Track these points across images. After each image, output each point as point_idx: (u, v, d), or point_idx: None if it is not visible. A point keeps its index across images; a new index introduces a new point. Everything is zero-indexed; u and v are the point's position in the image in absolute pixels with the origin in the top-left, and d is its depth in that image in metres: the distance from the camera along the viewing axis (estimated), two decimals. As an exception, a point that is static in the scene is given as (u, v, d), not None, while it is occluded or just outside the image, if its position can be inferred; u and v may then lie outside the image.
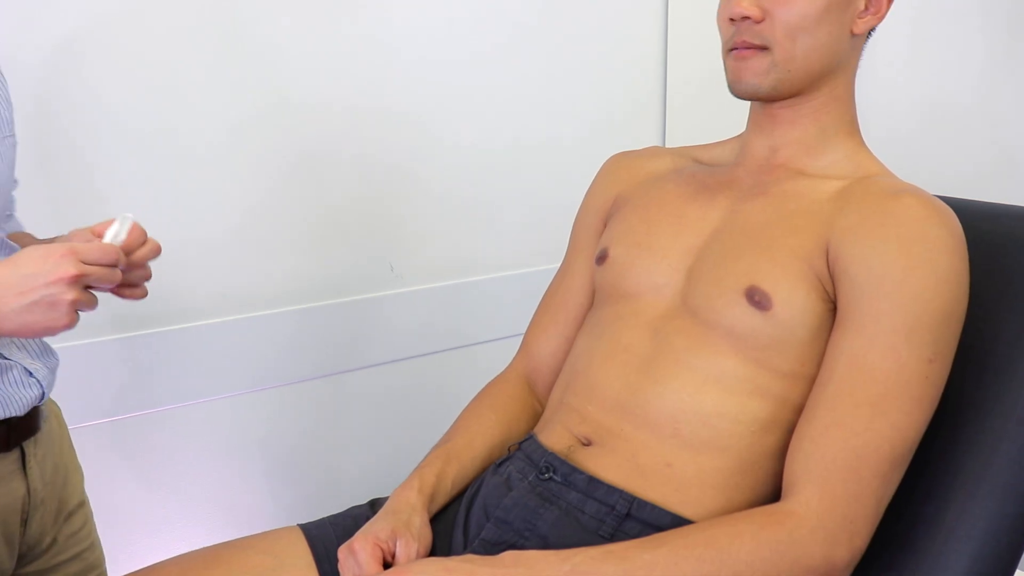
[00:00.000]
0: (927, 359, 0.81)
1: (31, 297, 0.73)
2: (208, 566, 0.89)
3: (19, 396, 0.87)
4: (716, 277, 0.91)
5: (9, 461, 0.89)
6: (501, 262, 1.69)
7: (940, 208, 0.85)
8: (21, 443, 0.90)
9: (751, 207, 0.94)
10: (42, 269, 0.73)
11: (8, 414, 0.86)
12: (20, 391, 0.88)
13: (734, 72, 0.92)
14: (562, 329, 1.08)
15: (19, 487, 0.90)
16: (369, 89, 1.49)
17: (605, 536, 0.86)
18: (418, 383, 1.64)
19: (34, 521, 0.93)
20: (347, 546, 0.86)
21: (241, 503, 1.47)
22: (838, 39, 0.91)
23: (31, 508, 0.92)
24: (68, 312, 0.74)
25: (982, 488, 0.83)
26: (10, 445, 0.88)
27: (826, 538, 0.78)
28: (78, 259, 0.74)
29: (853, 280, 0.83)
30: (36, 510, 0.93)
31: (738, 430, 0.87)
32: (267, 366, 1.48)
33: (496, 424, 1.03)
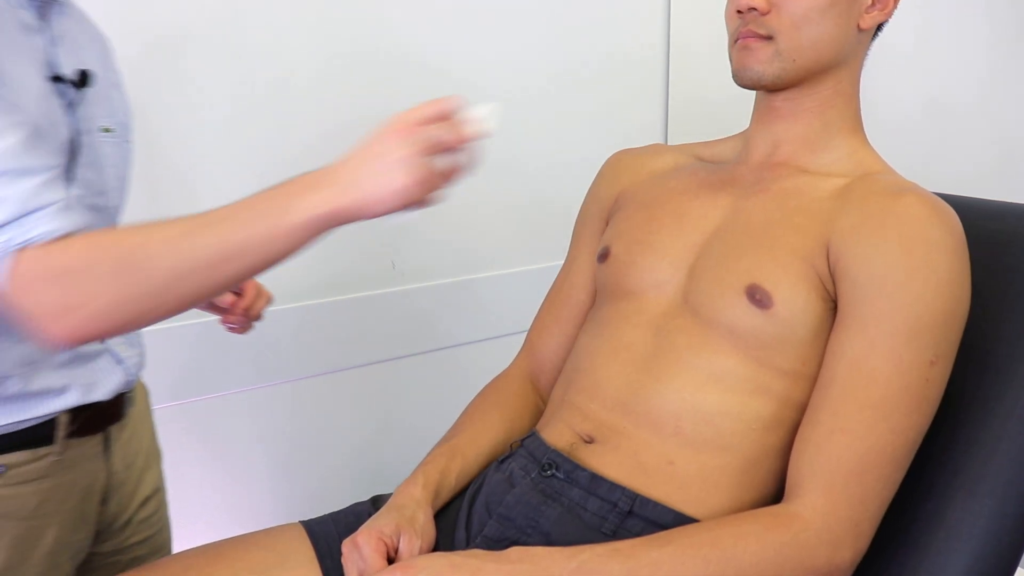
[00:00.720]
0: (928, 361, 0.81)
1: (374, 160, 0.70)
2: (210, 563, 0.89)
3: (106, 381, 0.90)
4: (717, 276, 0.91)
5: (93, 444, 0.92)
6: (503, 259, 1.69)
7: (941, 208, 0.85)
8: (107, 427, 0.93)
9: (753, 205, 0.94)
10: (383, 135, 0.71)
11: (93, 399, 0.88)
12: (107, 377, 0.91)
13: (739, 61, 0.93)
14: (564, 327, 1.08)
15: (100, 469, 0.94)
16: (369, 86, 1.49)
17: (607, 533, 0.86)
18: (420, 380, 1.64)
19: (112, 502, 0.97)
20: (351, 540, 0.86)
21: (243, 500, 1.47)
22: (844, 32, 0.91)
23: (110, 489, 0.96)
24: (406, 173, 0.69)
25: (983, 487, 0.83)
26: (95, 429, 0.91)
27: (831, 540, 0.78)
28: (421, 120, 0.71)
29: (854, 280, 0.83)
30: (115, 491, 0.97)
31: (740, 428, 0.87)
32: (269, 363, 1.48)
33: (499, 421, 1.03)
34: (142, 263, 0.69)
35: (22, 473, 0.84)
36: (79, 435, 0.89)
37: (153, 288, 0.69)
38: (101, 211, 0.90)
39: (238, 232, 0.69)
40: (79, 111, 0.85)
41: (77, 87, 0.84)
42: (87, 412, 0.89)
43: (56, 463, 0.87)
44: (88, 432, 0.90)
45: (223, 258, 0.69)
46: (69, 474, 0.89)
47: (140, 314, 0.71)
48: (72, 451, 0.88)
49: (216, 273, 0.69)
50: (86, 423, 0.89)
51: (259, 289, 1.09)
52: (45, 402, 0.85)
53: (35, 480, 0.86)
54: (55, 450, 0.86)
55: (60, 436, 0.86)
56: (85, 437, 0.90)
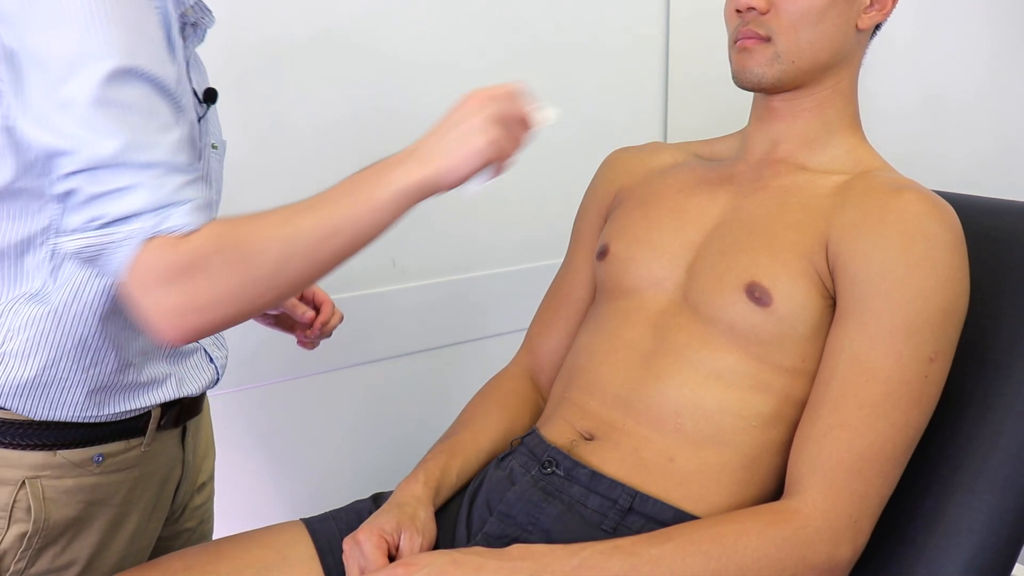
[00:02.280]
0: (928, 358, 0.81)
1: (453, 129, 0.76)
2: (211, 560, 0.90)
3: (198, 378, 0.94)
4: (716, 273, 0.91)
5: (174, 435, 0.96)
6: (503, 257, 1.69)
7: (940, 205, 0.85)
8: (187, 422, 0.97)
9: (752, 202, 0.94)
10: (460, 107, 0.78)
11: (185, 393, 0.92)
12: (199, 374, 0.95)
13: (738, 63, 0.93)
14: (564, 325, 1.09)
15: (178, 459, 0.98)
16: (371, 85, 1.49)
17: (608, 530, 0.86)
18: (421, 378, 1.64)
19: (181, 490, 1.02)
20: (352, 537, 0.86)
21: (244, 498, 1.47)
22: (843, 33, 0.91)
23: (183, 479, 1.01)
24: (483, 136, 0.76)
25: (981, 483, 0.83)
26: (179, 423, 0.95)
27: (831, 537, 0.79)
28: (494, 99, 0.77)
29: (853, 277, 0.84)
30: (185, 481, 1.02)
31: (740, 425, 0.87)
32: (269, 361, 1.48)
33: (500, 419, 1.03)
34: (252, 251, 0.71)
35: (117, 462, 0.88)
36: (166, 428, 0.93)
37: (264, 274, 0.72)
38: None
39: (335, 212, 0.73)
40: (202, 127, 0.89)
41: (204, 103, 0.88)
42: (176, 407, 0.93)
43: (144, 454, 0.91)
44: (174, 425, 0.94)
45: (325, 236, 0.73)
46: (152, 464, 0.93)
47: (251, 302, 0.73)
48: (157, 443, 0.93)
49: (320, 253, 0.73)
50: (174, 417, 0.93)
51: (334, 306, 1.14)
52: (148, 393, 0.89)
53: (127, 469, 0.90)
54: (144, 441, 0.90)
55: (151, 428, 0.90)
56: (169, 430, 0.94)
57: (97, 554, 0.89)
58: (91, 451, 0.86)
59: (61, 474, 0.84)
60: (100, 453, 0.86)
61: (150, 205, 0.68)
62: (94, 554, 0.89)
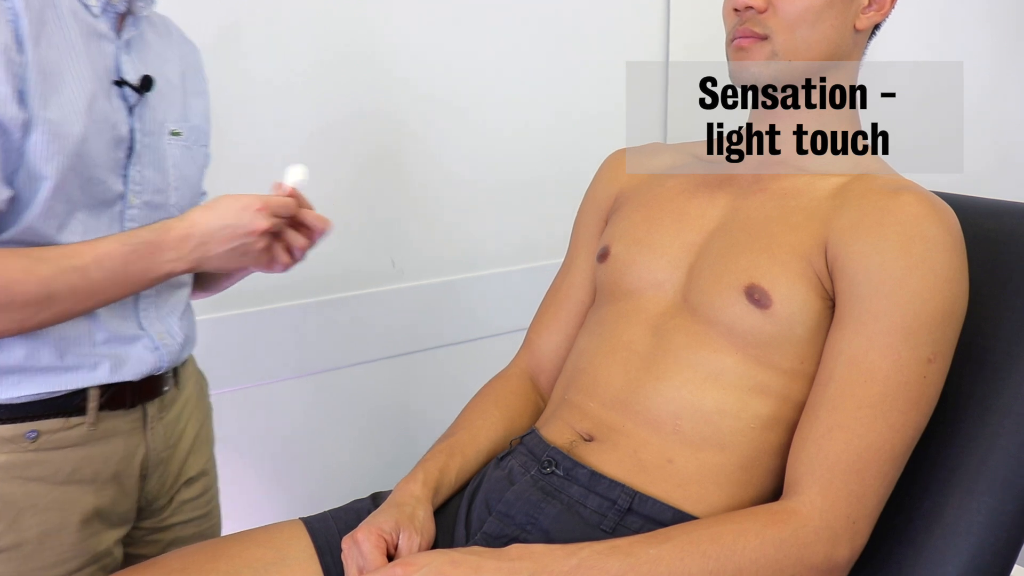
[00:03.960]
0: (926, 359, 0.81)
1: (231, 244, 0.88)
2: (210, 559, 0.89)
3: (138, 363, 0.95)
4: (716, 275, 0.91)
5: (129, 419, 0.97)
6: (502, 257, 1.69)
7: (939, 206, 0.85)
8: (143, 404, 0.98)
9: (751, 204, 0.94)
10: (240, 221, 0.88)
11: (120, 379, 0.94)
12: (141, 359, 0.96)
13: (736, 61, 0.93)
14: (564, 326, 1.09)
15: (138, 444, 0.99)
16: (371, 85, 1.49)
17: (607, 530, 0.86)
18: (419, 378, 1.65)
19: (152, 479, 1.02)
20: (351, 537, 0.86)
21: (243, 497, 1.47)
22: (840, 33, 0.91)
23: (150, 466, 1.01)
24: (255, 257, 0.90)
25: (980, 484, 0.83)
26: (130, 404, 0.96)
27: (830, 537, 0.79)
28: (269, 212, 0.89)
29: (852, 278, 0.84)
30: (155, 469, 1.02)
31: (739, 427, 0.87)
32: (268, 360, 1.48)
33: (499, 419, 1.03)
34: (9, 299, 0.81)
35: (54, 440, 0.90)
36: (110, 408, 0.94)
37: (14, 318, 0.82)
38: (157, 208, 0.97)
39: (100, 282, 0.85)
40: (143, 113, 0.94)
41: (139, 91, 0.93)
42: (116, 387, 0.94)
43: (90, 433, 0.93)
44: (120, 406, 0.95)
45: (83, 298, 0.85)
46: (104, 445, 0.94)
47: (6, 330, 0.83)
48: (105, 423, 0.94)
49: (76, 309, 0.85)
50: (116, 397, 0.94)
51: None
52: (76, 376, 0.91)
53: (67, 447, 0.91)
54: (88, 420, 0.92)
55: (92, 407, 0.92)
56: (118, 411, 0.95)
57: (48, 534, 0.91)
58: (22, 427, 0.88)
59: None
60: (34, 429, 0.89)
61: None
62: (44, 533, 0.90)
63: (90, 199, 0.89)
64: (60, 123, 0.84)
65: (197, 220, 0.88)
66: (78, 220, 0.88)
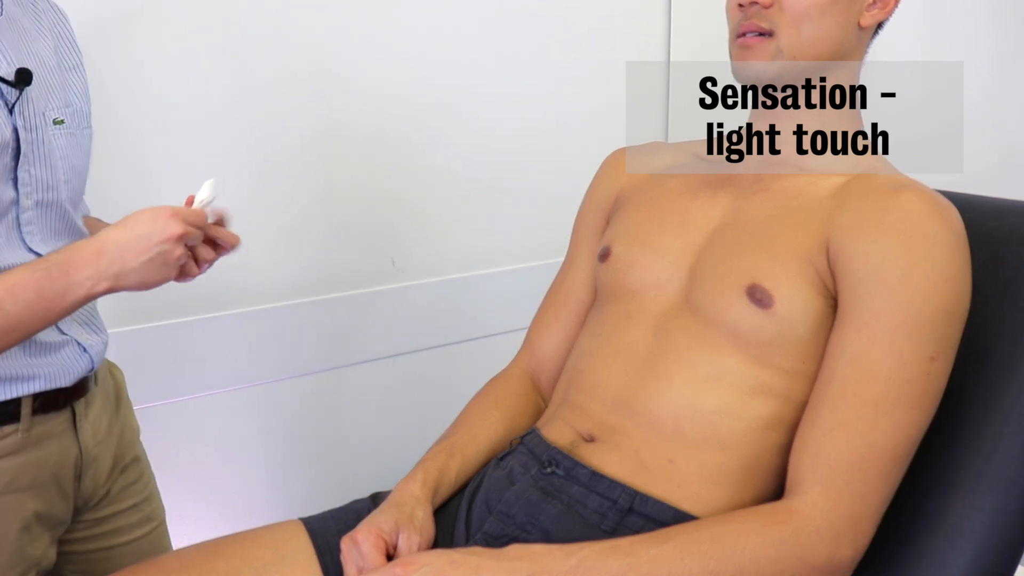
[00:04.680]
0: (929, 357, 0.81)
1: (147, 255, 0.83)
2: (209, 559, 0.89)
3: (71, 368, 0.94)
4: (717, 275, 0.90)
5: (60, 420, 0.95)
6: (503, 257, 1.69)
7: (941, 204, 0.84)
8: (71, 404, 0.96)
9: (752, 204, 0.94)
10: (154, 229, 0.83)
11: (57, 386, 0.92)
12: (73, 364, 0.94)
13: (739, 58, 0.92)
14: (565, 326, 1.08)
15: (71, 444, 0.97)
16: (371, 84, 1.49)
17: (607, 531, 0.86)
18: (420, 378, 1.64)
19: (88, 476, 1.00)
20: (350, 537, 0.86)
21: (242, 497, 1.47)
22: (844, 30, 0.91)
23: (84, 464, 0.99)
24: (175, 268, 0.85)
25: (984, 484, 0.83)
26: (60, 405, 0.94)
27: (832, 537, 0.78)
28: (181, 219, 0.84)
29: (854, 277, 0.83)
30: (89, 466, 1.00)
31: (740, 427, 0.87)
32: (268, 360, 1.48)
33: (499, 419, 1.03)
34: None
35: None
36: (44, 412, 0.92)
37: None
38: (49, 206, 0.92)
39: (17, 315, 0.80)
40: (24, 109, 0.88)
41: (16, 87, 0.86)
42: (47, 392, 0.92)
43: (24, 440, 0.90)
44: (51, 409, 0.93)
45: (8, 331, 0.80)
46: (39, 450, 0.92)
47: None
48: (39, 427, 0.92)
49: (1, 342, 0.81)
50: (49, 401, 0.92)
51: None
52: (11, 387, 0.88)
53: (4, 457, 0.89)
54: (21, 427, 0.90)
55: (25, 413, 0.90)
56: (49, 414, 0.93)
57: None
58: None
59: None
60: None
61: None
62: None
63: None
64: None
65: (109, 235, 0.83)
66: None
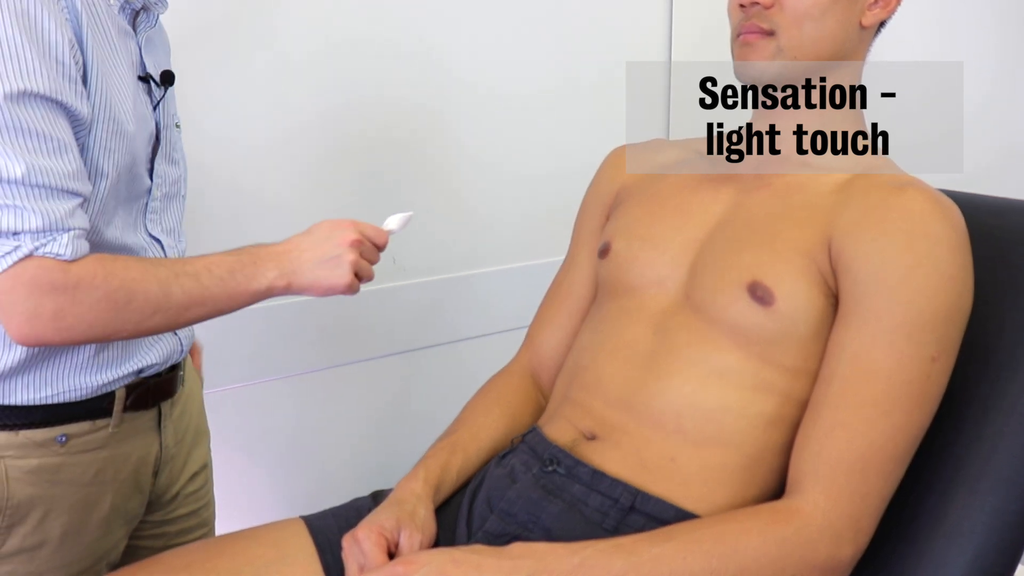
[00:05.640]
0: (930, 357, 0.81)
1: (322, 255, 0.90)
2: (210, 557, 0.89)
3: (163, 348, 0.98)
4: (718, 272, 0.90)
5: (147, 418, 0.99)
6: (504, 255, 1.69)
7: (944, 203, 0.84)
8: (159, 403, 1.00)
9: (754, 200, 0.94)
10: (331, 233, 0.91)
11: (145, 363, 0.96)
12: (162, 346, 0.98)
13: (740, 57, 0.92)
14: (566, 323, 1.08)
15: (153, 442, 1.01)
16: (371, 81, 1.48)
17: (609, 529, 0.86)
18: (421, 375, 1.64)
19: (164, 475, 1.05)
20: (351, 535, 0.86)
21: (243, 495, 1.47)
22: (846, 29, 0.91)
23: (162, 463, 1.03)
24: (349, 272, 0.91)
25: (984, 484, 0.83)
26: (148, 404, 0.98)
27: (833, 536, 0.78)
28: (357, 229, 0.93)
29: (855, 276, 0.83)
30: (166, 465, 1.05)
31: (742, 425, 0.87)
32: (268, 358, 1.48)
33: (501, 417, 1.03)
34: (129, 298, 0.81)
35: (82, 443, 0.92)
36: (134, 409, 0.96)
37: (130, 319, 0.83)
38: (172, 199, 1.00)
39: (210, 288, 0.86)
40: (163, 108, 0.97)
41: (161, 86, 0.96)
42: (140, 388, 0.96)
43: (113, 435, 0.94)
44: (142, 406, 0.97)
45: (190, 305, 0.85)
46: (124, 446, 0.96)
47: (109, 335, 0.83)
48: (127, 424, 0.96)
49: (181, 317, 0.86)
50: (140, 397, 0.96)
51: None
52: (109, 370, 0.92)
53: (94, 450, 0.93)
54: (113, 422, 0.94)
55: (117, 409, 0.94)
56: (139, 411, 0.97)
57: (69, 534, 0.92)
58: (54, 431, 0.89)
59: (24, 454, 0.87)
60: (63, 434, 0.90)
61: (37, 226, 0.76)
62: (65, 533, 0.91)
63: (129, 195, 0.91)
64: (116, 120, 0.85)
65: (293, 238, 0.92)
66: (119, 216, 0.90)
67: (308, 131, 1.44)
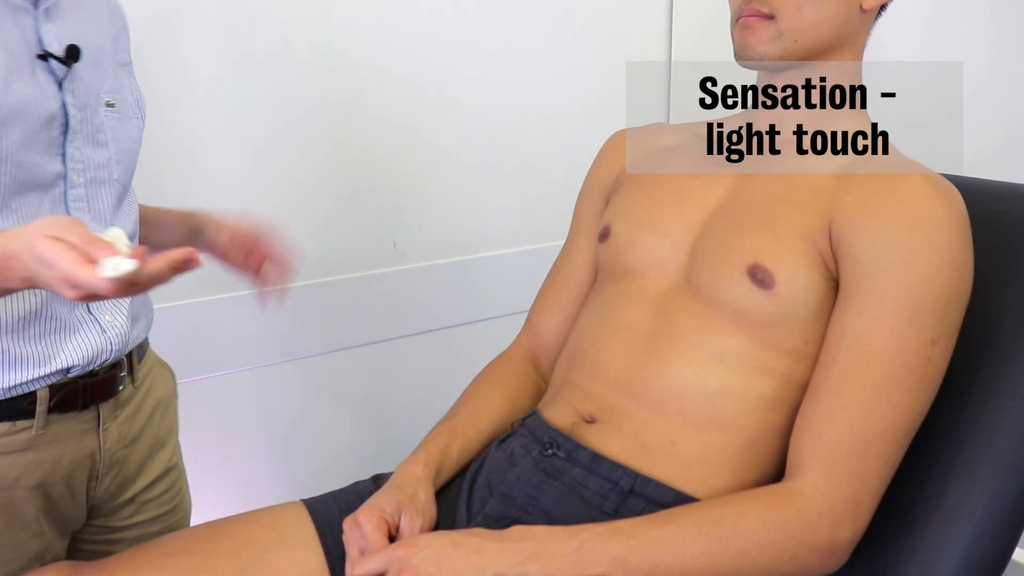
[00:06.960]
0: (930, 340, 0.81)
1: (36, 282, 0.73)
2: (211, 540, 0.89)
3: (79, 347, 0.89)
4: (719, 255, 0.90)
5: (82, 421, 0.92)
6: (505, 239, 1.69)
7: (945, 187, 0.84)
8: (97, 404, 0.93)
9: (755, 183, 0.94)
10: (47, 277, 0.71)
11: (69, 363, 0.88)
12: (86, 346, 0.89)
13: (740, 40, 0.91)
14: (566, 306, 1.08)
15: (90, 446, 0.94)
16: (373, 66, 1.48)
17: (608, 512, 0.86)
18: (421, 359, 1.65)
19: (105, 480, 0.97)
20: (352, 518, 0.86)
21: (244, 478, 1.48)
22: (846, 12, 0.90)
23: (102, 468, 0.96)
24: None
25: (983, 467, 0.83)
26: (80, 406, 0.91)
27: (832, 519, 0.79)
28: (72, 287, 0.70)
29: (856, 259, 0.83)
30: (108, 470, 0.97)
31: (742, 408, 0.87)
32: (270, 342, 1.48)
33: (501, 400, 1.03)
34: None
35: (1, 444, 0.86)
36: (61, 410, 0.89)
37: None
38: (102, 184, 0.91)
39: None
40: (74, 86, 0.88)
41: (66, 63, 0.86)
42: (67, 388, 0.89)
43: (38, 437, 0.88)
44: (70, 408, 0.90)
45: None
46: (54, 449, 0.90)
47: None
48: (56, 426, 0.89)
49: None
50: (68, 398, 0.90)
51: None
52: (25, 369, 0.86)
53: (15, 452, 0.87)
54: (36, 424, 0.88)
55: (40, 410, 0.88)
56: (69, 413, 0.90)
57: None
58: None
59: None
60: None
61: None
62: None
63: (22, 184, 0.83)
64: None
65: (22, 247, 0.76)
66: (12, 207, 0.83)
67: (310, 114, 1.44)
